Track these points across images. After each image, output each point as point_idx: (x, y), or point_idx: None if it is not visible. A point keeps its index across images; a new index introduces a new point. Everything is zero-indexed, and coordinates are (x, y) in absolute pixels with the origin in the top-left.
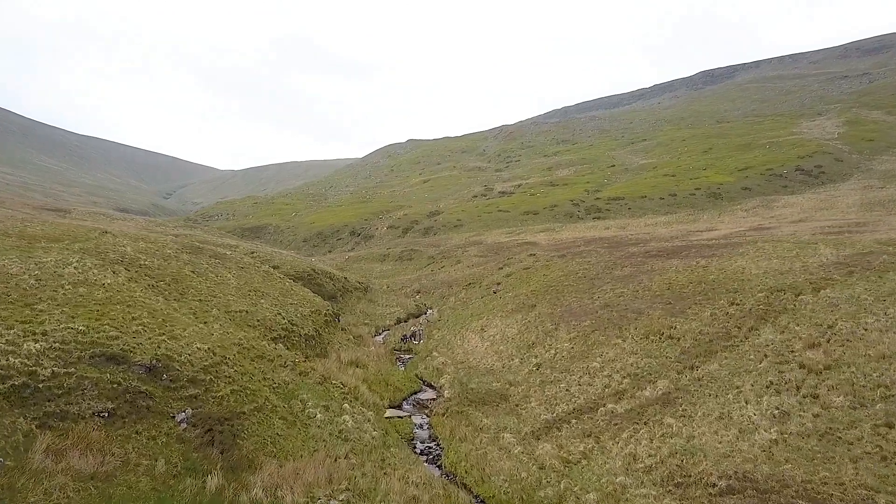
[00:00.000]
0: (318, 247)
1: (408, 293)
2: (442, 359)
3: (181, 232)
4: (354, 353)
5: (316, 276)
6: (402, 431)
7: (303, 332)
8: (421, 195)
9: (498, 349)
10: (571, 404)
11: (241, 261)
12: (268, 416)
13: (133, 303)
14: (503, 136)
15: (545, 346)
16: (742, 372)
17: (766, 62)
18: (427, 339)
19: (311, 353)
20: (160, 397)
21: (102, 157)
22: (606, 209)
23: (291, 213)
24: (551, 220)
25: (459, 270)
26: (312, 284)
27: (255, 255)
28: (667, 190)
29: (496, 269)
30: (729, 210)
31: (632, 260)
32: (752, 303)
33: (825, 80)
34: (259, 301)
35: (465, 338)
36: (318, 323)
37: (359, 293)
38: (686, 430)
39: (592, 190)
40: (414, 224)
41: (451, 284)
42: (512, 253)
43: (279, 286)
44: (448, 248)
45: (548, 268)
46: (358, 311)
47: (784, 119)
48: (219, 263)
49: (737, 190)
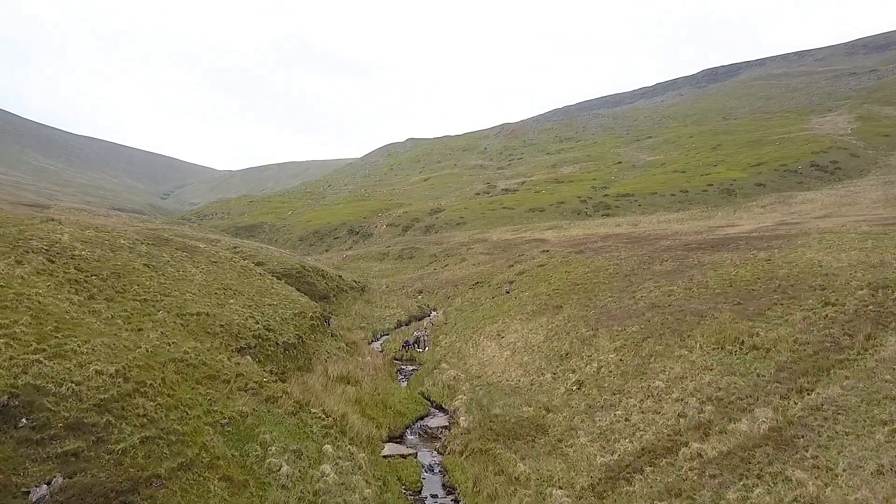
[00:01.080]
0: (314, 245)
1: (409, 293)
2: (453, 372)
3: (162, 226)
4: (345, 366)
5: (305, 273)
6: (407, 479)
7: (281, 339)
8: (421, 193)
9: (522, 360)
10: (637, 441)
11: (215, 255)
12: (201, 476)
13: (15, 304)
14: (505, 134)
15: (583, 357)
16: (882, 398)
17: (770, 60)
18: (433, 346)
19: (290, 367)
20: (9, 458)
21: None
22: (616, 206)
23: (287, 212)
24: (558, 217)
25: (465, 269)
26: (301, 283)
27: (238, 251)
28: (677, 186)
29: (506, 266)
30: (744, 206)
31: (671, 254)
32: (854, 303)
33: (832, 78)
34: (227, 301)
35: (480, 345)
36: (303, 328)
37: (355, 293)
38: (834, 495)
39: (600, 187)
40: (415, 222)
41: (456, 284)
42: (521, 250)
43: (257, 284)
44: (451, 245)
45: (568, 264)
46: (353, 313)
47: (793, 115)
48: (186, 257)
49: (750, 186)
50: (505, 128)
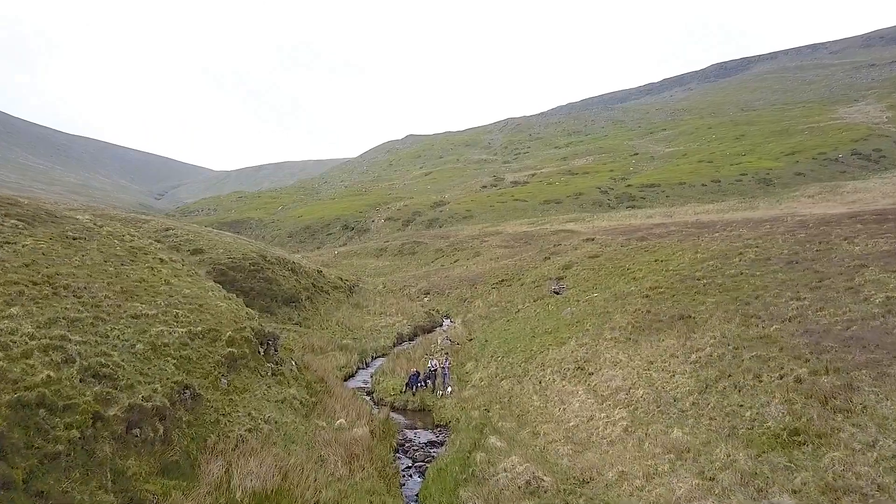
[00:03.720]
0: (305, 242)
1: (412, 294)
2: (520, 465)
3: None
4: (281, 456)
5: (264, 267)
6: None
7: (123, 404)
8: (423, 187)
9: (670, 439)
10: None
11: (96, 232)
12: None
13: None
14: (510, 129)
15: (843, 447)
16: None
17: (783, 53)
18: (459, 383)
19: (138, 472)
20: None
21: (92, 157)
22: (641, 197)
23: (278, 207)
24: (577, 209)
25: (481, 264)
26: (256, 280)
27: (169, 234)
28: (707, 176)
29: (540, 260)
30: (788, 196)
31: (837, 230)
32: None
33: (851, 69)
34: (9, 309)
35: (551, 389)
36: (205, 366)
37: (339, 294)
38: None
39: (619, 178)
40: (416, 216)
41: (472, 282)
42: (551, 241)
43: (145, 279)
44: (460, 239)
45: (650, 252)
46: (334, 324)
47: (815, 106)
48: (22, 227)
49: (789, 175)
50: (509, 122)
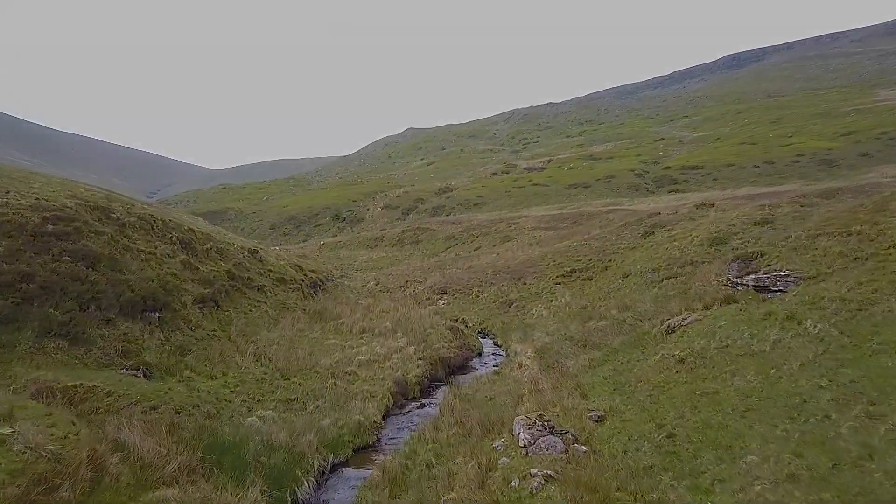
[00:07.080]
0: (289, 235)
1: (419, 294)
2: None
3: None
4: None
5: (89, 222)
6: None
7: None
8: (425, 176)
9: None
10: None
11: None
12: None
13: None
14: (516, 119)
15: None
16: None
17: (799, 43)
18: None
19: None
20: None
21: (82, 155)
22: (683, 180)
23: (262, 197)
24: (610, 193)
25: (521, 250)
26: (52, 256)
27: None
28: (757, 158)
29: (637, 236)
30: (859, 178)
31: None
32: None
33: (878, 56)
34: None
35: None
36: None
37: (289, 294)
38: None
39: (651, 161)
40: (418, 203)
41: (519, 274)
42: (632, 216)
43: None
44: (477, 223)
45: None
46: (247, 359)
47: (853, 90)
48: None
49: (853, 156)
50: (516, 113)
